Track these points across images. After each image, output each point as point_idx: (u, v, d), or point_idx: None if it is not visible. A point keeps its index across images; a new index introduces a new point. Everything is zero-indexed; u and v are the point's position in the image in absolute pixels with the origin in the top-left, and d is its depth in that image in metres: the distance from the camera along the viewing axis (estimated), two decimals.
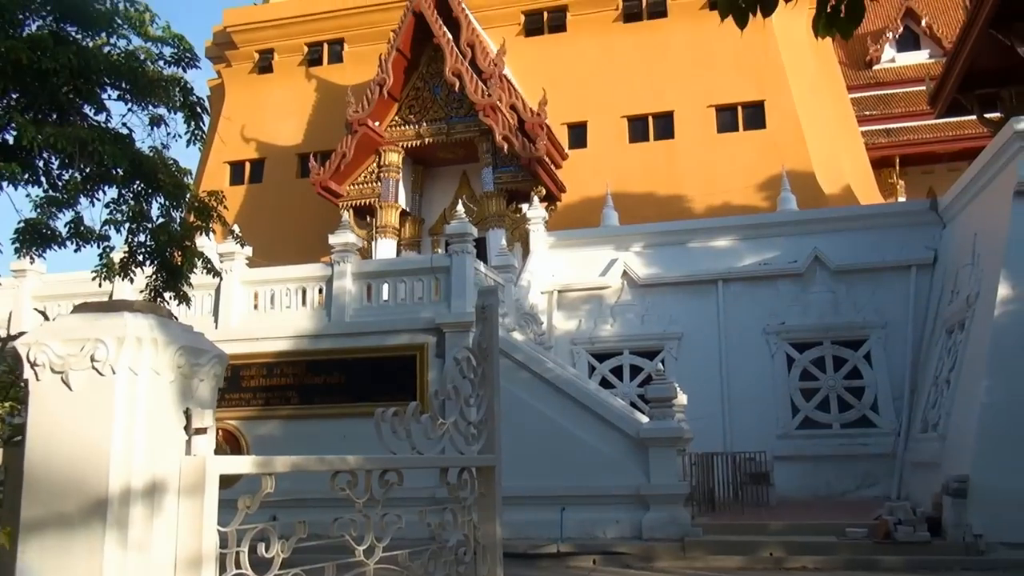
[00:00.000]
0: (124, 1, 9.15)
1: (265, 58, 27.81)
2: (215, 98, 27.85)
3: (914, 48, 31.96)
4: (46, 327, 2.86)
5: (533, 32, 25.81)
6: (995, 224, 13.64)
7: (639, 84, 24.11)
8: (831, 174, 22.57)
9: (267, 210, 25.24)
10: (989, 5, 14.27)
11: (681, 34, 24.32)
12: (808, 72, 24.19)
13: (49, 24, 8.90)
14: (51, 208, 9.09)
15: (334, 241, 14.64)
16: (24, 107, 9.12)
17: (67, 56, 8.31)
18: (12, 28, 8.75)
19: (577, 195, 22.81)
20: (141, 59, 9.41)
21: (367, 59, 25.14)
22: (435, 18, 22.06)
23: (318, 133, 25.80)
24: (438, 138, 22.46)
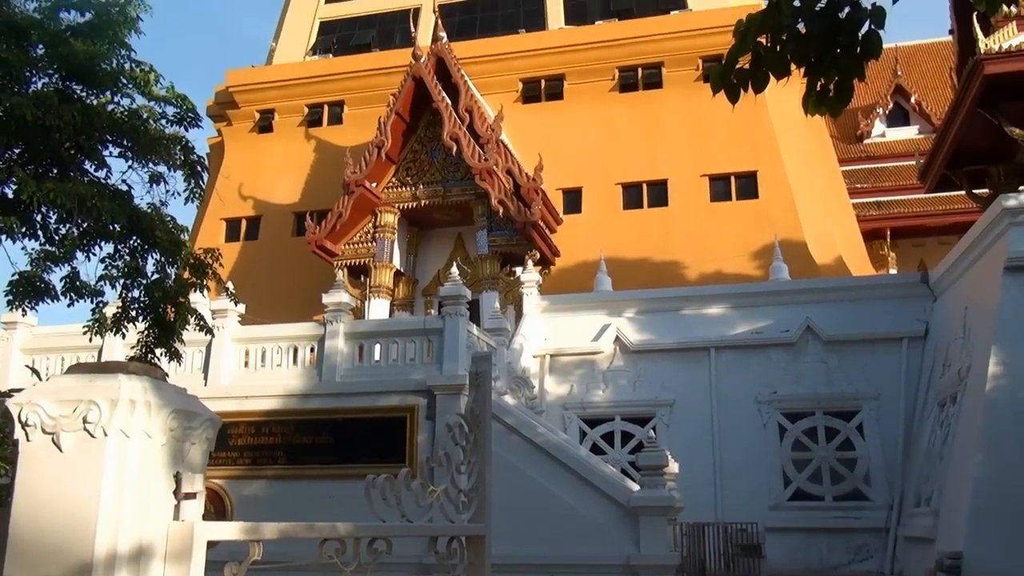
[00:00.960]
0: (130, 62, 9.34)
1: (266, 118, 28.19)
2: (214, 156, 28.15)
3: (904, 124, 32.62)
4: (40, 387, 2.85)
5: (531, 99, 26.29)
6: (985, 298, 13.74)
7: (634, 152, 24.48)
8: (823, 245, 22.80)
9: (262, 268, 25.29)
10: (976, 86, 14.63)
11: (675, 105, 24.80)
12: (800, 144, 24.62)
13: (55, 82, 9.06)
14: (47, 262, 9.11)
15: (327, 300, 14.65)
16: (25, 162, 9.21)
17: (71, 113, 8.43)
18: (19, 85, 8.89)
19: (571, 260, 22.95)
20: (144, 118, 9.55)
21: (367, 121, 25.50)
22: (435, 83, 22.46)
23: (315, 193, 26.02)
24: (434, 200, 22.67)
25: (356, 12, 29.82)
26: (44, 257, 9.07)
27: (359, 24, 29.57)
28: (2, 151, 8.89)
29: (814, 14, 4.11)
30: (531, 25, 27.65)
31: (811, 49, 4.28)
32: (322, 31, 29.85)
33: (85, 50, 8.80)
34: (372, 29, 29.15)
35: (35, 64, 9.13)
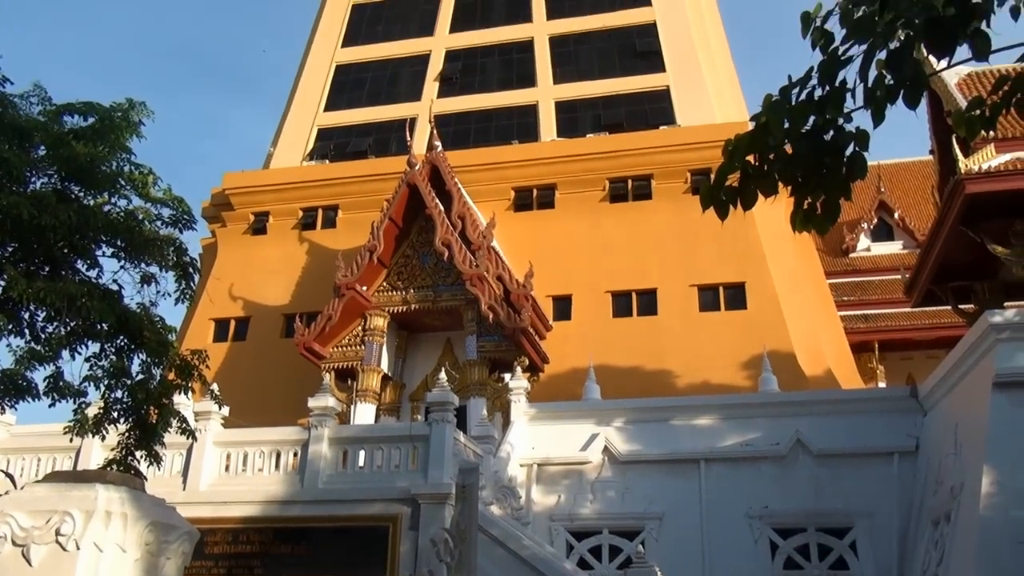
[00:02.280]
0: (130, 164, 9.49)
1: (260, 220, 28.51)
2: (207, 256, 28.33)
3: (888, 239, 33.25)
4: (13, 496, 2.76)
5: (523, 208, 26.74)
6: (975, 415, 13.69)
7: (624, 261, 24.76)
8: (811, 356, 22.84)
9: (249, 369, 25.09)
10: (958, 205, 14.99)
11: (665, 216, 25.25)
12: (787, 256, 24.99)
13: (55, 182, 9.17)
14: (31, 361, 9.01)
15: (313, 404, 14.48)
16: (18, 260, 9.23)
17: (68, 213, 8.51)
18: (18, 184, 8.99)
19: (560, 367, 22.87)
20: (139, 219, 9.63)
21: (360, 225, 25.80)
22: (428, 190, 22.87)
23: (306, 295, 26.09)
24: (424, 305, 22.74)
25: (354, 120, 30.61)
26: (29, 355, 8.97)
27: (356, 132, 30.32)
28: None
29: (800, 136, 4.23)
30: (524, 137, 28.41)
31: (798, 169, 4.38)
32: (320, 137, 30.56)
33: (86, 152, 8.95)
34: (369, 137, 29.87)
35: (36, 164, 9.27)
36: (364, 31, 32.90)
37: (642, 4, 30.46)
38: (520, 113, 29.40)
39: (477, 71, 30.70)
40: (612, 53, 29.90)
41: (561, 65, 30.05)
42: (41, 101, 9.50)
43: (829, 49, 3.85)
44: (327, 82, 31.76)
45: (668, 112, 27.82)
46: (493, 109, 29.56)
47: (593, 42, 30.39)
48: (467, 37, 31.47)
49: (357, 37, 32.80)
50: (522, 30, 31.07)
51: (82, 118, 9.60)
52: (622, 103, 28.66)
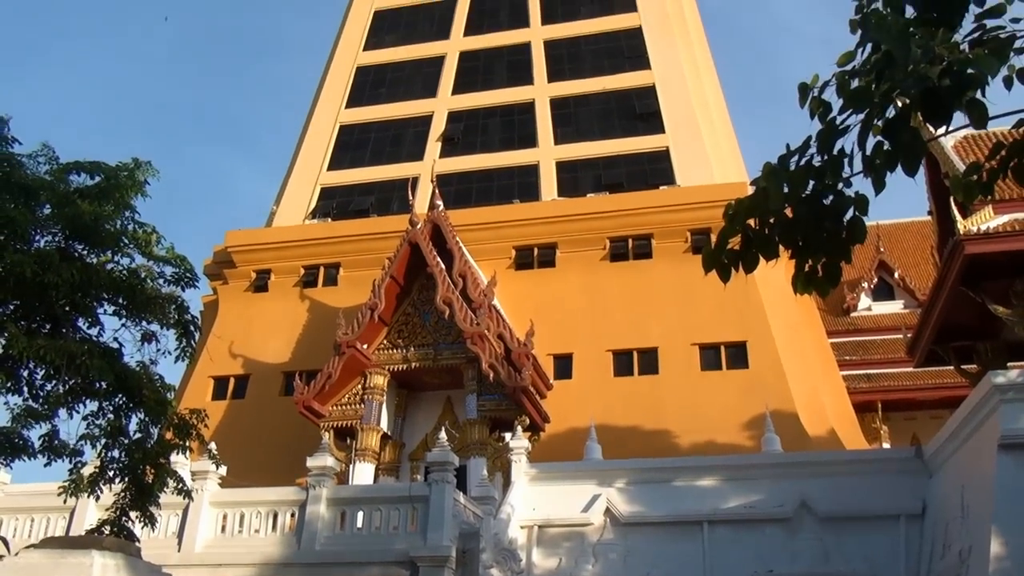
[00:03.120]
0: (134, 223, 9.58)
1: (262, 278, 28.60)
2: (208, 313, 28.34)
3: (889, 298, 33.29)
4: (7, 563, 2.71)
5: (523, 266, 26.84)
6: (981, 477, 13.53)
7: (624, 320, 24.76)
8: (814, 416, 22.68)
9: (247, 427, 24.90)
10: (958, 265, 15.04)
11: (665, 274, 25.32)
12: (789, 315, 24.99)
13: (59, 241, 9.25)
14: (28, 419, 8.96)
15: (312, 464, 14.34)
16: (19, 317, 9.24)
17: (71, 272, 8.56)
18: (22, 242, 9.06)
19: (561, 426, 22.69)
20: (142, 277, 9.68)
21: (361, 283, 25.86)
22: (430, 249, 22.98)
23: (306, 352, 26.02)
24: (425, 363, 22.66)
25: (356, 179, 30.92)
26: (26, 413, 8.94)
27: (359, 191, 30.60)
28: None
29: (800, 200, 4.26)
30: (525, 196, 28.65)
31: (798, 233, 4.41)
32: (323, 196, 30.83)
33: (91, 211, 9.04)
34: (371, 196, 30.14)
35: (41, 223, 9.35)
36: (368, 92, 33.44)
37: (641, 67, 31.01)
38: (521, 173, 29.70)
39: (479, 131, 31.12)
40: (612, 115, 30.34)
41: (562, 126, 30.46)
42: (48, 160, 9.63)
43: (827, 118, 3.90)
44: (331, 142, 32.17)
45: (668, 172, 28.11)
46: (495, 169, 29.89)
47: (593, 104, 30.85)
48: (469, 99, 31.97)
49: (361, 98, 33.32)
50: (524, 92, 31.58)
51: (88, 177, 9.72)
52: (622, 163, 28.98)
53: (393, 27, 35.42)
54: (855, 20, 4.50)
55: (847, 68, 3.93)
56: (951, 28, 4.06)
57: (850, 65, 4.02)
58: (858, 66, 3.92)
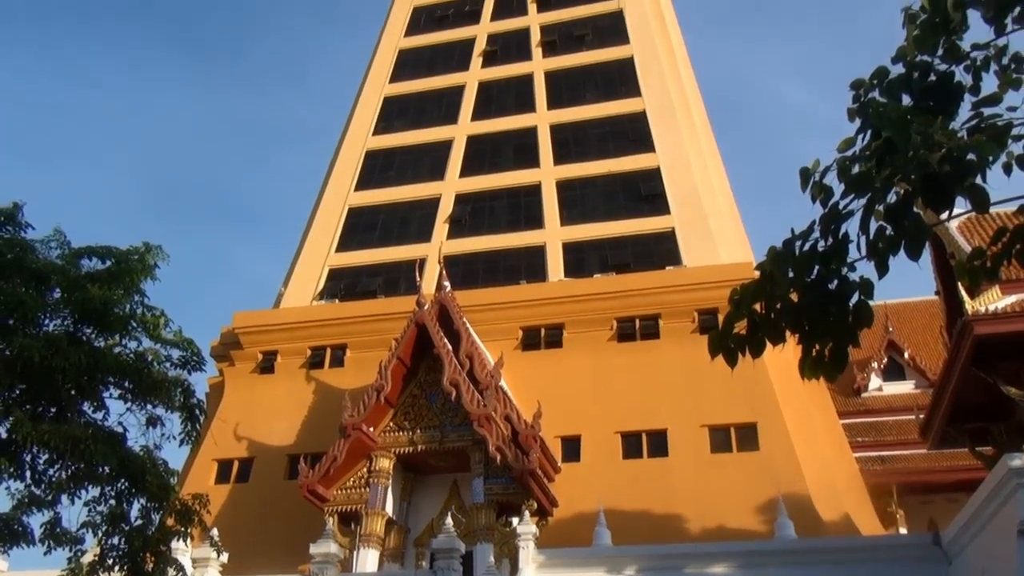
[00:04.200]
0: (143, 307, 9.64)
1: (268, 359, 28.57)
2: (213, 395, 28.23)
3: (900, 378, 32.95)
4: None
5: (530, 347, 26.77)
6: (1002, 563, 13.16)
7: (632, 401, 24.53)
8: (828, 500, 22.21)
9: (250, 512, 24.50)
10: (967, 346, 14.94)
11: (673, 355, 25.19)
12: (799, 396, 24.73)
13: (67, 324, 9.29)
14: (30, 505, 8.85)
15: (315, 551, 14.08)
16: (24, 401, 9.22)
17: (78, 356, 8.58)
18: (31, 326, 9.11)
19: (569, 510, 22.27)
20: (148, 360, 9.70)
21: (368, 365, 25.77)
22: (437, 330, 22.99)
23: (311, 435, 25.78)
24: (431, 446, 22.41)
25: (364, 261, 31.18)
26: (28, 500, 8.83)
27: (366, 272, 30.82)
28: (4, 391, 8.93)
29: (805, 285, 4.27)
30: (532, 277, 28.80)
31: (804, 318, 4.40)
32: (331, 277, 31.05)
33: (101, 295, 9.11)
34: (379, 277, 30.33)
35: (51, 307, 9.42)
36: (377, 175, 34.02)
37: (646, 150, 31.52)
38: (528, 254, 29.92)
39: (486, 213, 31.49)
40: (618, 196, 30.71)
41: (568, 207, 30.82)
42: (60, 245, 9.76)
43: (829, 203, 3.94)
44: (339, 224, 32.57)
45: (674, 253, 28.27)
46: (501, 250, 30.13)
47: (599, 186, 31.27)
48: (476, 181, 32.46)
49: (370, 181, 33.87)
50: (530, 175, 32.07)
51: (100, 261, 9.83)
52: (628, 244, 29.20)
53: (402, 112, 36.26)
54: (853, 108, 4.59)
55: (848, 154, 3.99)
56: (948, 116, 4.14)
57: (850, 151, 4.08)
58: (858, 152, 3.98)
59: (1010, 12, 4.33)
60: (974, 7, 4.20)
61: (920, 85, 4.27)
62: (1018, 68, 4.48)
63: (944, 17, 4.10)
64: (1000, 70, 4.45)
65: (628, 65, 34.71)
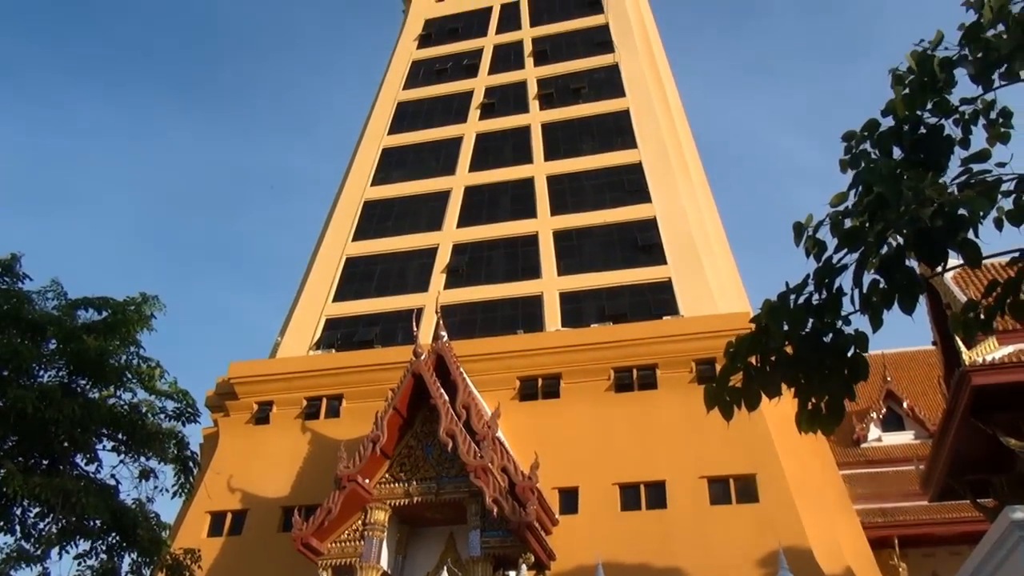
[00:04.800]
0: (138, 358, 9.62)
1: (264, 410, 28.37)
2: (207, 446, 27.98)
3: (899, 429, 32.78)
4: None
5: (528, 397, 26.63)
6: None
7: (631, 452, 24.33)
8: (830, 553, 21.91)
9: (243, 566, 24.11)
10: (966, 397, 14.90)
11: (671, 406, 25.06)
12: (798, 446, 24.54)
13: (62, 376, 9.26)
14: (19, 561, 8.71)
15: None
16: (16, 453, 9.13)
17: (72, 407, 8.53)
18: (26, 378, 9.07)
19: (567, 563, 21.94)
20: (143, 412, 9.65)
21: (364, 415, 25.62)
22: (433, 380, 22.89)
23: (306, 486, 25.50)
24: (427, 497, 22.16)
25: (361, 311, 31.17)
26: (17, 555, 8.70)
27: (363, 322, 30.79)
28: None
29: (800, 338, 4.28)
30: (529, 326, 28.76)
31: (800, 370, 4.41)
32: (327, 327, 30.99)
33: (96, 346, 9.09)
34: (376, 327, 30.29)
35: (46, 358, 9.39)
36: (375, 225, 34.19)
37: (642, 200, 31.75)
38: (525, 303, 29.94)
39: (483, 263, 31.59)
40: (614, 246, 30.84)
41: (565, 258, 30.93)
42: (57, 296, 9.77)
43: (823, 257, 3.97)
44: (337, 273, 32.63)
45: (671, 303, 28.30)
46: (498, 300, 30.15)
47: (595, 236, 31.42)
48: (474, 231, 32.63)
49: (368, 231, 34.03)
50: (527, 225, 32.26)
51: (96, 312, 9.83)
52: (625, 294, 29.24)
53: (401, 163, 36.59)
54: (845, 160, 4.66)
55: (840, 208, 4.03)
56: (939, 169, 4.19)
57: (843, 205, 4.13)
58: (851, 206, 4.02)
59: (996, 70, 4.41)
60: (960, 66, 4.28)
61: (910, 138, 4.34)
62: (1005, 122, 4.55)
63: (932, 77, 4.18)
64: (988, 124, 4.52)
65: (624, 117, 35.16)
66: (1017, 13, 4.39)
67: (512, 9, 42.56)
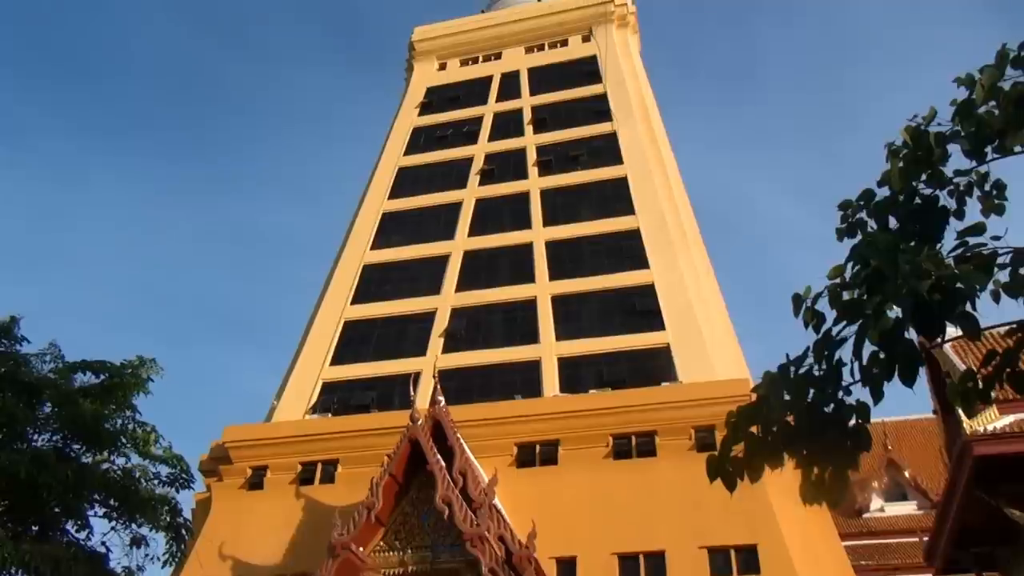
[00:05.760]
0: (133, 422, 9.55)
1: (258, 474, 28.02)
2: (200, 512, 27.55)
3: (901, 499, 32.39)
4: None
5: (525, 464, 26.34)
6: None
7: (629, 521, 23.96)
8: None
9: None
10: (968, 467, 14.74)
11: (670, 474, 24.77)
12: (800, 516, 24.15)
13: (56, 440, 9.17)
14: None
15: None
16: (7, 519, 8.99)
17: (65, 472, 8.43)
18: (19, 441, 8.99)
19: None
20: (136, 477, 9.54)
21: (359, 481, 25.27)
22: (430, 446, 22.67)
23: (300, 554, 25.02)
24: (422, 566, 21.75)
25: (359, 375, 31.03)
26: None
27: (360, 386, 30.62)
28: None
29: (801, 409, 4.26)
30: (527, 391, 28.61)
31: (802, 441, 4.37)
32: (324, 391, 30.80)
33: (92, 410, 9.02)
34: (373, 391, 30.12)
35: (41, 421, 9.32)
36: (373, 289, 34.26)
37: (640, 266, 31.90)
38: (523, 368, 29.83)
39: (482, 328, 31.57)
40: (613, 312, 30.87)
41: (563, 323, 30.93)
42: (54, 359, 9.74)
43: (822, 329, 3.98)
44: (335, 337, 32.57)
45: (669, 369, 28.21)
46: (497, 364, 30.05)
47: (594, 301, 31.48)
48: (473, 296, 32.70)
49: (367, 294, 34.09)
50: (526, 290, 32.34)
51: (94, 375, 9.79)
52: (624, 359, 29.16)
53: (400, 227, 36.85)
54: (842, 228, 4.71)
55: (837, 281, 4.06)
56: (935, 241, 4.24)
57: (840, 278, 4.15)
58: (848, 278, 4.05)
59: (989, 144, 4.50)
60: (954, 142, 4.37)
61: (906, 208, 4.40)
62: (999, 194, 4.63)
63: (926, 151, 4.25)
64: (983, 195, 4.59)
65: (622, 184, 35.54)
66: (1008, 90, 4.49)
67: (512, 78, 43.40)
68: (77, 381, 9.70)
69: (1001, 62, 4.51)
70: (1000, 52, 4.54)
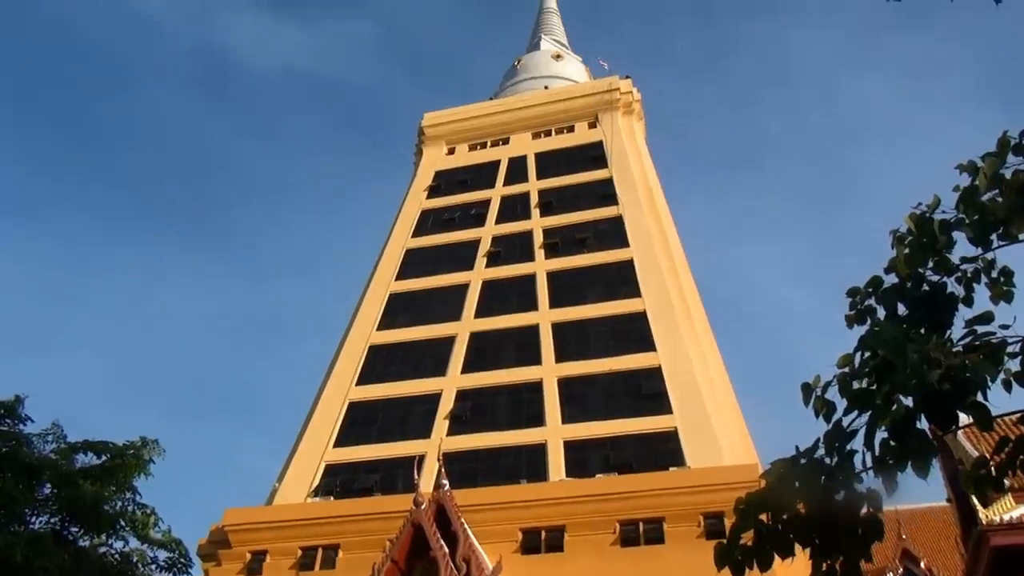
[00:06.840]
0: (133, 504, 9.41)
1: (257, 560, 27.40)
2: None
3: None
4: None
5: (531, 550, 25.75)
6: None
7: None
8: None
9: None
10: (985, 558, 14.38)
11: (678, 562, 24.13)
12: None
13: (54, 523, 9.03)
14: None
15: None
16: None
17: (62, 556, 8.28)
18: (17, 523, 8.84)
19: None
20: (134, 562, 9.35)
21: (361, 566, 24.72)
22: (434, 531, 22.26)
23: None
24: None
25: (362, 457, 30.64)
26: None
27: (363, 468, 30.21)
28: None
29: (812, 498, 4.18)
30: (533, 475, 28.18)
31: (813, 530, 4.28)
32: (327, 473, 30.38)
33: (92, 492, 8.91)
34: (376, 474, 29.70)
35: (40, 503, 9.20)
36: (379, 370, 34.13)
37: (647, 349, 31.80)
38: (529, 452, 29.45)
39: (487, 410, 31.30)
40: (619, 395, 30.63)
41: (569, 405, 30.66)
42: (56, 439, 9.68)
43: (832, 418, 3.94)
44: (339, 418, 32.30)
45: (677, 453, 27.82)
46: (502, 447, 29.68)
47: (600, 384, 31.27)
48: (478, 377, 32.52)
49: (372, 375, 33.95)
50: (531, 372, 32.18)
51: (95, 456, 9.70)
52: (630, 443, 28.78)
53: (407, 308, 36.93)
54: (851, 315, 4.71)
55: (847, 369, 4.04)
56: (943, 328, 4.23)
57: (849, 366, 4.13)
58: (858, 367, 4.03)
59: (994, 231, 4.53)
60: (959, 229, 4.40)
61: (913, 295, 4.41)
62: (1007, 281, 4.63)
63: (931, 238, 4.29)
64: (990, 282, 4.60)
65: (628, 267, 35.73)
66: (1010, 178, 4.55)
67: (519, 162, 44.14)
68: (78, 461, 9.63)
69: (1002, 150, 4.58)
70: (1001, 139, 4.61)
